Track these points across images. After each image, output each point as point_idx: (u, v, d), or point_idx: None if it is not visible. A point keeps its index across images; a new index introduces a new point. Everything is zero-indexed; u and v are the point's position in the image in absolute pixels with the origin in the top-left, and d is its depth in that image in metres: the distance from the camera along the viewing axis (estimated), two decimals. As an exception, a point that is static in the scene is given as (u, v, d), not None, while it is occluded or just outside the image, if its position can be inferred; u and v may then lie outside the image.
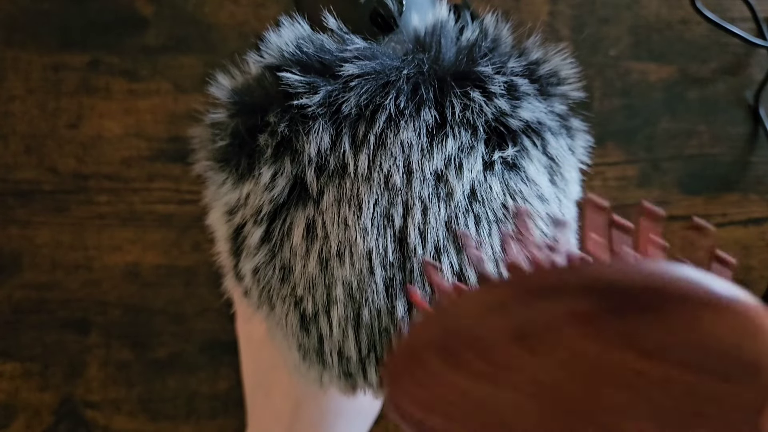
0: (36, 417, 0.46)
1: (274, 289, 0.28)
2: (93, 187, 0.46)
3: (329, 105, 0.26)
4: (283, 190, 0.27)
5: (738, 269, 0.48)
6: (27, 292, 0.46)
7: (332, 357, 0.28)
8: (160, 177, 0.46)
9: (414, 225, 0.26)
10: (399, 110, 0.26)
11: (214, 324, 0.46)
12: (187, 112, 0.47)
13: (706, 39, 0.49)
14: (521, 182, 0.27)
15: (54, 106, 0.47)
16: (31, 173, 0.46)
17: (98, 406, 0.46)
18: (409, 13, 0.30)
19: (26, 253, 0.46)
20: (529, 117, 0.28)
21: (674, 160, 0.48)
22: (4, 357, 0.46)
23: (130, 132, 0.47)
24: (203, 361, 0.46)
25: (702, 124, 0.48)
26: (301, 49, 0.27)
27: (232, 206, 0.29)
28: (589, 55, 0.48)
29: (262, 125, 0.27)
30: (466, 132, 0.27)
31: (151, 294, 0.46)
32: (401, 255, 0.26)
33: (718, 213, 0.48)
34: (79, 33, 0.47)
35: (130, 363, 0.46)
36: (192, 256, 0.46)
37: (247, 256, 0.28)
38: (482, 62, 0.27)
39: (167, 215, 0.46)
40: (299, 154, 0.26)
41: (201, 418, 0.46)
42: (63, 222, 0.46)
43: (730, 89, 0.49)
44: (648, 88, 0.48)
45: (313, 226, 0.27)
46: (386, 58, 0.27)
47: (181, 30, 0.47)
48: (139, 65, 0.47)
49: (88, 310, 0.46)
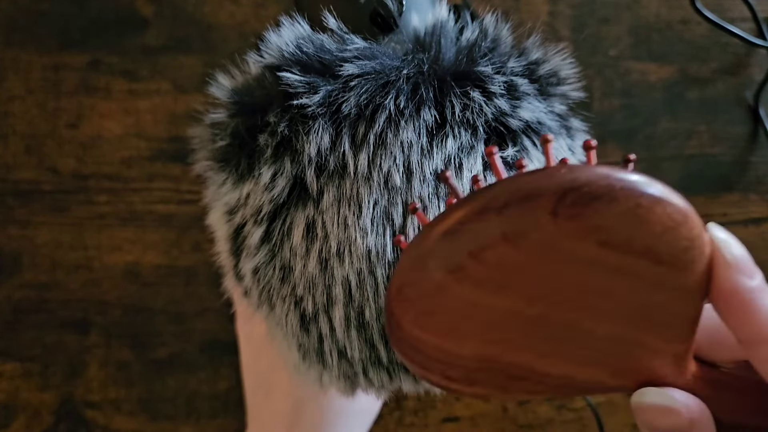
0: (36, 417, 0.46)
1: (274, 289, 0.28)
2: (93, 187, 0.46)
3: (329, 105, 0.26)
4: (283, 190, 0.27)
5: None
6: (27, 292, 0.46)
7: (332, 357, 0.28)
8: (160, 177, 0.46)
9: (414, 225, 0.26)
10: (399, 110, 0.26)
11: (214, 324, 0.46)
12: (187, 112, 0.47)
13: (706, 39, 0.49)
14: (521, 182, 0.27)
15: (54, 106, 0.47)
16: (31, 173, 0.46)
17: (98, 406, 0.46)
18: (409, 13, 0.30)
19: (26, 253, 0.46)
20: (529, 117, 0.28)
21: (674, 160, 0.48)
22: (4, 357, 0.46)
23: (130, 132, 0.47)
24: (203, 361, 0.46)
25: (702, 124, 0.49)
26: (301, 49, 0.27)
27: (232, 206, 0.29)
28: (589, 55, 0.48)
29: (262, 125, 0.27)
30: (466, 132, 0.27)
31: (151, 294, 0.46)
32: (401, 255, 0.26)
33: (718, 213, 0.48)
34: (79, 33, 0.47)
35: (130, 363, 0.46)
36: (192, 256, 0.46)
37: (247, 256, 0.28)
38: (482, 62, 0.27)
39: (167, 215, 0.46)
40: (299, 154, 0.26)
41: (201, 418, 0.46)
42: (63, 222, 0.46)
43: (730, 89, 0.49)
44: (648, 88, 0.48)
45: (313, 226, 0.27)
46: (386, 58, 0.27)
47: (181, 30, 0.47)
48: (139, 65, 0.47)
49: (88, 310, 0.46)
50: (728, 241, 0.20)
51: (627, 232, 0.18)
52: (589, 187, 0.18)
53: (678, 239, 0.19)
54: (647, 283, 0.19)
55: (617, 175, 0.18)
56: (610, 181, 0.18)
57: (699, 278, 0.19)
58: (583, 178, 0.18)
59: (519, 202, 0.18)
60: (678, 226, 0.18)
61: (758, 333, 0.19)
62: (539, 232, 0.18)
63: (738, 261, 0.20)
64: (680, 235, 0.19)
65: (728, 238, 0.20)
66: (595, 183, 0.18)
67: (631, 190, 0.18)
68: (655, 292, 0.19)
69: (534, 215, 0.18)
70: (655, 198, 0.18)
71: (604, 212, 0.18)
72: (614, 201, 0.18)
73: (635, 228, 0.18)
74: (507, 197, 0.18)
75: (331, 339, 0.27)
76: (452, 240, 0.19)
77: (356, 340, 0.27)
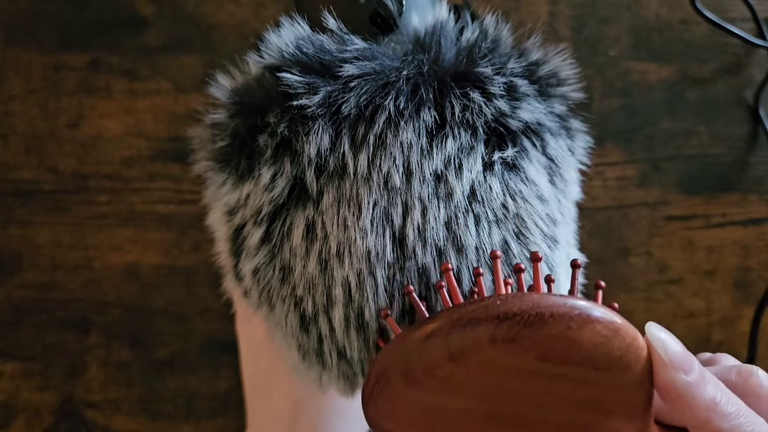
0: (36, 417, 0.46)
1: (274, 290, 0.28)
2: (93, 187, 0.46)
3: (329, 105, 0.26)
4: (282, 190, 0.27)
5: (737, 270, 0.48)
6: (27, 292, 0.46)
7: (331, 357, 0.28)
8: (160, 177, 0.46)
9: (413, 225, 0.26)
10: (399, 111, 0.26)
11: (214, 324, 0.46)
12: (187, 112, 0.47)
13: (706, 39, 0.49)
14: (521, 182, 0.27)
15: (54, 106, 0.47)
16: (31, 173, 0.46)
17: (98, 406, 0.46)
18: (409, 13, 0.30)
19: (26, 253, 0.46)
20: (528, 118, 0.28)
21: (674, 160, 0.48)
22: (4, 357, 0.46)
23: (130, 132, 0.47)
24: (203, 361, 0.46)
25: (702, 124, 0.48)
26: (301, 50, 0.27)
27: (232, 206, 0.29)
28: (589, 55, 0.48)
29: (261, 126, 0.27)
30: (466, 132, 0.27)
31: (151, 294, 0.46)
32: (401, 255, 0.26)
33: (718, 213, 0.48)
34: (79, 33, 0.47)
35: (130, 363, 0.46)
36: (192, 256, 0.46)
37: (247, 257, 0.28)
38: (482, 63, 0.27)
39: (167, 215, 0.46)
40: (299, 154, 0.26)
41: (201, 418, 0.46)
42: (63, 222, 0.46)
43: (730, 89, 0.49)
44: (648, 88, 0.48)
45: (312, 226, 0.27)
46: (386, 58, 0.27)
47: (181, 30, 0.47)
48: (139, 65, 0.47)
49: (88, 310, 0.46)
50: (664, 341, 0.22)
51: (561, 350, 0.20)
52: (521, 317, 0.20)
53: (611, 350, 0.21)
54: (591, 384, 0.21)
55: (547, 302, 0.20)
56: (540, 310, 0.20)
57: (641, 373, 0.21)
58: (515, 309, 0.20)
59: (461, 330, 0.21)
60: (609, 340, 0.20)
61: (699, 420, 0.21)
62: (480, 353, 0.21)
63: (673, 359, 0.21)
64: (612, 346, 0.21)
65: (664, 338, 0.22)
66: (527, 312, 0.20)
67: (560, 316, 0.20)
68: (600, 389, 0.21)
69: (475, 341, 0.20)
70: (583, 320, 0.20)
71: (537, 336, 0.20)
72: (545, 326, 0.20)
73: (568, 346, 0.20)
74: (450, 326, 0.21)
75: (330, 339, 0.27)
76: (408, 359, 0.22)
77: (355, 340, 0.27)
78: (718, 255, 0.48)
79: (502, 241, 0.26)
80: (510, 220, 0.27)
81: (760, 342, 0.45)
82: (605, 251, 0.48)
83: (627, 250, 0.48)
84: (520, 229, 0.27)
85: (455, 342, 0.21)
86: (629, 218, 0.48)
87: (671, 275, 0.48)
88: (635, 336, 0.21)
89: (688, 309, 0.48)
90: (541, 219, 0.27)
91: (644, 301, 0.48)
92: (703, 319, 0.48)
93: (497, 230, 0.26)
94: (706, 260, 0.48)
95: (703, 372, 0.22)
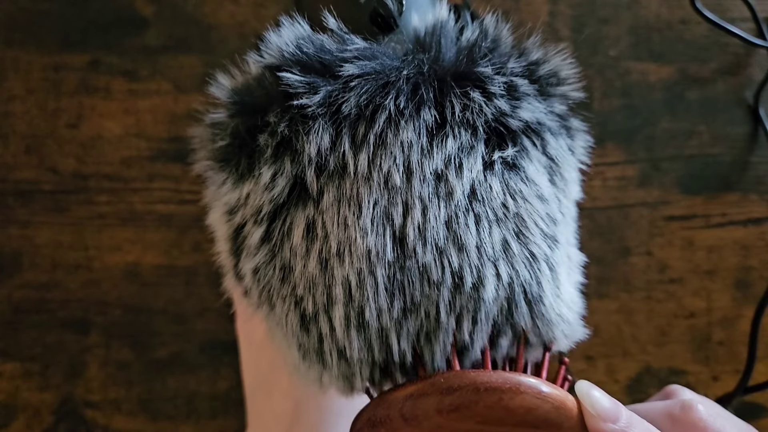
0: (36, 417, 0.46)
1: (274, 289, 0.28)
2: (93, 187, 0.46)
3: (329, 105, 0.26)
4: (283, 190, 0.27)
5: (737, 270, 0.48)
6: (27, 292, 0.46)
7: (332, 357, 0.28)
8: (160, 177, 0.46)
9: (414, 224, 0.26)
10: (399, 110, 0.26)
11: (214, 324, 0.46)
12: (187, 112, 0.47)
13: (706, 39, 0.49)
14: (521, 182, 0.27)
15: (54, 106, 0.47)
16: (31, 173, 0.46)
17: (98, 406, 0.46)
18: (409, 13, 0.30)
19: (26, 253, 0.46)
20: (528, 117, 0.28)
21: (674, 160, 0.48)
22: (4, 357, 0.46)
23: (130, 132, 0.47)
24: (203, 361, 0.46)
25: (702, 124, 0.49)
26: (301, 49, 0.27)
27: (232, 206, 0.29)
28: (589, 55, 0.48)
29: (262, 125, 0.27)
30: (466, 132, 0.27)
31: (151, 294, 0.46)
32: (401, 254, 0.26)
33: (718, 213, 0.48)
34: (79, 33, 0.47)
35: (130, 363, 0.46)
36: (192, 256, 0.46)
37: (247, 256, 0.28)
38: (482, 62, 0.27)
39: (167, 215, 0.46)
40: (299, 154, 0.26)
41: (201, 418, 0.46)
42: (63, 222, 0.46)
43: (730, 89, 0.49)
44: (648, 88, 0.48)
45: (313, 225, 0.27)
46: (386, 58, 0.27)
47: (181, 30, 0.47)
48: (139, 65, 0.47)
49: (88, 310, 0.46)
50: (590, 395, 0.24)
51: (498, 416, 0.24)
52: (459, 392, 0.24)
53: (543, 413, 0.24)
54: None
55: (482, 379, 0.24)
56: (476, 386, 0.24)
57: (575, 427, 0.24)
58: (455, 386, 0.24)
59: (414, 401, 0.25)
60: (538, 406, 0.24)
61: None
62: (430, 420, 0.25)
63: (599, 411, 0.24)
64: (544, 409, 0.24)
65: (590, 392, 0.25)
66: (465, 388, 0.24)
67: (493, 390, 0.24)
68: None
69: (424, 410, 0.25)
70: (513, 391, 0.24)
71: (475, 407, 0.24)
72: (481, 399, 0.24)
73: (504, 413, 0.24)
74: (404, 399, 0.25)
75: (330, 339, 0.27)
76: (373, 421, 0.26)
77: (356, 340, 0.27)
78: (719, 255, 0.48)
79: (503, 240, 0.26)
80: (510, 219, 0.27)
81: (760, 342, 0.45)
82: (605, 251, 0.48)
83: (627, 249, 0.48)
84: (520, 229, 0.27)
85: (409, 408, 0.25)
86: (629, 218, 0.48)
87: (671, 275, 0.48)
88: (564, 398, 0.24)
89: (689, 309, 0.48)
90: (541, 218, 0.27)
91: (644, 301, 0.48)
92: (703, 319, 0.48)
93: (497, 229, 0.26)
94: (707, 260, 0.48)
95: (631, 418, 0.24)
